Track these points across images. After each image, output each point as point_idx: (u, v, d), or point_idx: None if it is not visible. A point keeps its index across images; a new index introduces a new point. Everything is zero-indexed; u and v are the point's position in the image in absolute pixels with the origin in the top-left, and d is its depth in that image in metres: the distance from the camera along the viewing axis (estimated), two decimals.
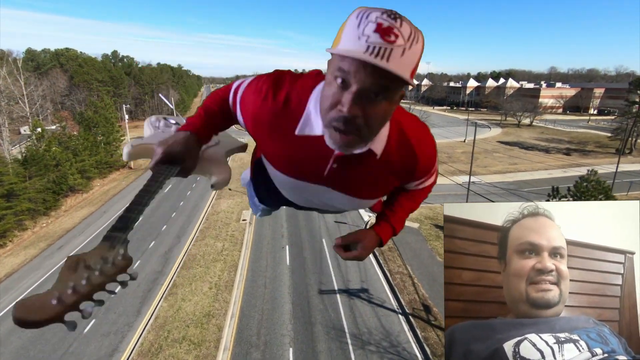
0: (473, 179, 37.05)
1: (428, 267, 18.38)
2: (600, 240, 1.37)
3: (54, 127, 38.03)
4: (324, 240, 21.68)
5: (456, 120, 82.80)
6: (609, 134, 52.18)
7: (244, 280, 17.61)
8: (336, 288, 16.79)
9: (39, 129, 30.53)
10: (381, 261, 18.86)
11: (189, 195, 30.51)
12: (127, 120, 45.11)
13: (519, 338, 1.23)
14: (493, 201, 28.28)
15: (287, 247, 20.96)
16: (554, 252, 1.33)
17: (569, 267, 1.36)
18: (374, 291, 16.43)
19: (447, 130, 66.27)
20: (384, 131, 0.94)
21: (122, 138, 42.61)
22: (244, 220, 24.83)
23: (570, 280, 1.35)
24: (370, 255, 19.93)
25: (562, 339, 1.22)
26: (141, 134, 1.57)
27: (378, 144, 0.94)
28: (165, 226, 24.29)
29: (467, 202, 27.86)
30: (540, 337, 1.24)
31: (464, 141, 56.33)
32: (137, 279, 0.72)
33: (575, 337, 1.23)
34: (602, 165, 41.55)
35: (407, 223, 3.99)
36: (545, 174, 37.72)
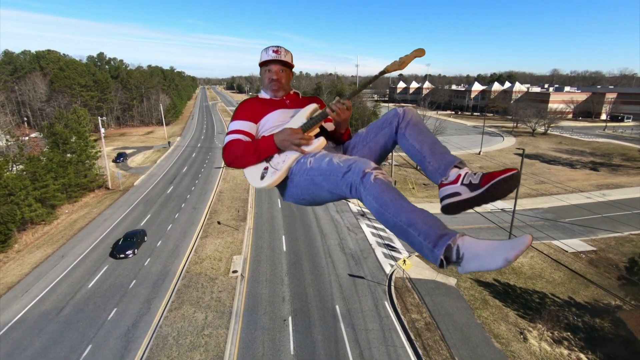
0: (501, 204, 32.28)
1: None
2: None
3: (7, 141, 32.47)
4: (337, 307, 16.64)
5: (463, 127, 78.01)
6: None
7: None
8: None
9: None
10: (419, 349, 13.83)
11: (169, 231, 25.33)
12: (103, 133, 39.74)
13: None
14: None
15: (290, 320, 15.91)
16: None
17: None
18: None
19: (458, 139, 61.41)
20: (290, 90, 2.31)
21: (97, 154, 37.29)
22: (234, 272, 19.73)
23: None
24: (406, 343, 14.87)
25: None
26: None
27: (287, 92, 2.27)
28: (134, 282, 19.14)
29: (509, 238, 22.88)
30: None
31: (479, 153, 51.58)
32: None
33: None
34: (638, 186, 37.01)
35: (442, 278, 17.35)
36: (582, 197, 32.98)
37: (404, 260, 17.37)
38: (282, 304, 17.02)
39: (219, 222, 26.42)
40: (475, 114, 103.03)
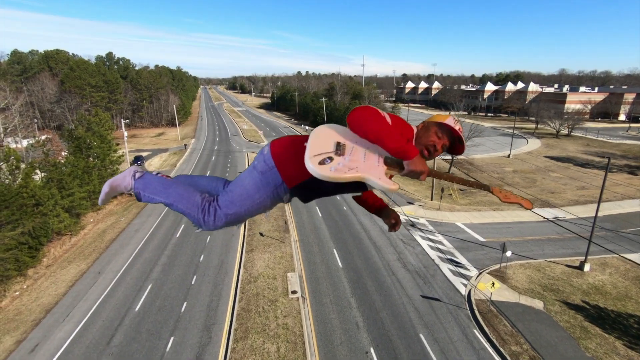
0: (556, 212, 30.55)
1: None
2: None
3: (27, 141, 30.65)
4: (422, 336, 14.89)
5: (482, 129, 76.09)
6: None
7: None
8: None
9: (12, 158, 23.43)
10: None
11: (209, 244, 23.55)
12: (126, 137, 37.95)
13: None
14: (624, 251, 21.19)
15: (372, 351, 14.17)
16: None
17: None
18: None
19: (481, 140, 59.59)
20: None
21: (121, 159, 35.50)
22: (293, 292, 17.97)
23: None
24: None
25: None
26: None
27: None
28: (185, 304, 17.37)
29: (586, 254, 20.96)
30: None
31: (509, 156, 49.90)
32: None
33: None
34: None
35: (525, 300, 15.49)
36: (636, 205, 31.29)
37: (493, 283, 15.64)
38: (357, 332, 15.27)
39: (261, 234, 24.65)
40: (489, 114, 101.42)
